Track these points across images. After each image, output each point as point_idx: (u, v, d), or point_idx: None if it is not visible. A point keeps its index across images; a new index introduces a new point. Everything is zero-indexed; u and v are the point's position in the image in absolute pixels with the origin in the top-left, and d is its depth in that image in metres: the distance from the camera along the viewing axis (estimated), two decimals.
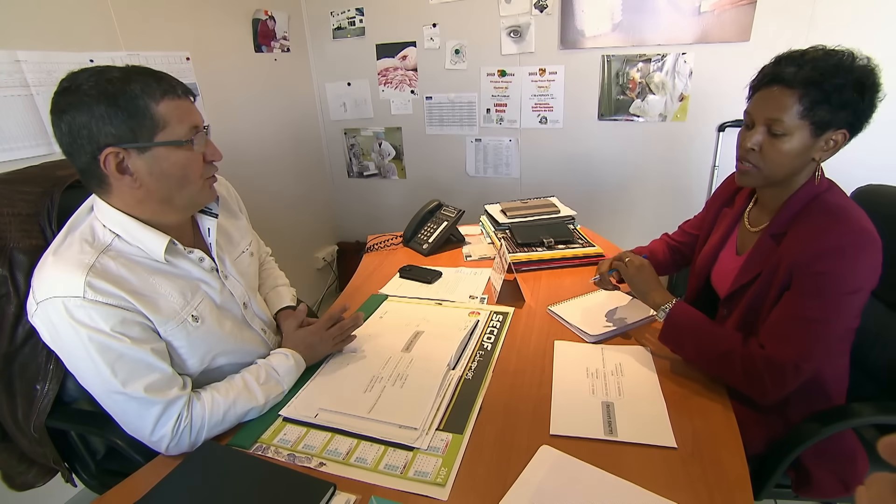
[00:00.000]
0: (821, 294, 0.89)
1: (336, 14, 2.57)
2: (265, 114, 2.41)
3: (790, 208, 0.99)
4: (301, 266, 2.84)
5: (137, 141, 0.80)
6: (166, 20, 1.84)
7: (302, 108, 2.71)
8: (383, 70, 2.60)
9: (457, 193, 2.72)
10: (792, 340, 0.90)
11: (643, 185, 2.36)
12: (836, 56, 0.90)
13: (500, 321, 1.25)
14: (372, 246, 1.81)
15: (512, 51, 2.32)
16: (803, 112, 0.90)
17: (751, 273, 1.03)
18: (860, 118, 0.91)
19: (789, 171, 0.97)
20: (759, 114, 0.95)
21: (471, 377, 1.04)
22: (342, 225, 3.10)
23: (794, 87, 0.90)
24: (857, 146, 1.98)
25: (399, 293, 1.43)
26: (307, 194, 2.81)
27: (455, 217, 1.74)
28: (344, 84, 2.70)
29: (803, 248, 0.92)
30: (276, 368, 0.99)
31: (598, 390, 0.97)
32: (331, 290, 3.07)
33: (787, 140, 0.92)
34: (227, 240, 1.06)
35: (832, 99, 0.88)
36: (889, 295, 1.19)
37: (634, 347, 1.11)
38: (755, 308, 1.02)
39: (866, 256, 0.88)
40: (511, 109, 2.44)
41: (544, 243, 1.58)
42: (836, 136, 0.92)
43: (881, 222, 1.19)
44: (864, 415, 0.97)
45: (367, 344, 1.15)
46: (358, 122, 2.77)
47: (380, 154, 2.81)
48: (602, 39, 2.17)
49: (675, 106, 2.17)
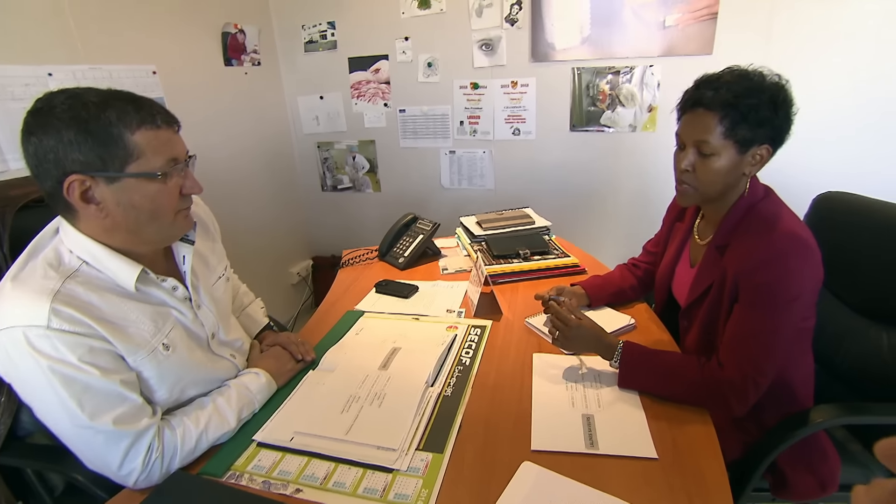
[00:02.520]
0: (763, 305, 0.93)
1: (307, 27, 2.55)
2: (236, 128, 2.37)
3: (730, 220, 1.03)
4: (275, 282, 2.79)
5: (107, 170, 0.76)
6: (131, 33, 1.80)
7: (274, 122, 2.68)
8: (356, 83, 2.59)
9: (432, 205, 2.71)
10: (745, 357, 0.93)
11: (616, 194, 2.40)
12: (748, 78, 0.95)
13: (478, 335, 1.24)
14: (347, 261, 1.78)
15: (484, 64, 2.34)
16: (726, 132, 0.94)
17: (703, 285, 1.06)
18: (779, 132, 0.96)
19: (723, 188, 1.01)
20: (687, 136, 1.00)
21: (450, 394, 1.02)
22: (317, 239, 3.06)
23: (713, 109, 0.94)
24: (818, 156, 2.07)
25: (375, 309, 1.41)
26: (280, 209, 2.76)
27: (430, 230, 1.73)
28: (316, 97, 2.68)
29: (742, 259, 0.96)
30: (247, 386, 0.96)
31: (577, 402, 0.97)
32: (306, 305, 3.02)
33: (716, 159, 0.97)
34: (204, 265, 1.02)
35: (749, 118, 0.93)
36: (851, 297, 1.24)
37: None
38: (712, 319, 1.05)
39: (801, 262, 0.92)
40: (484, 121, 2.46)
41: (520, 255, 1.59)
42: (761, 150, 0.97)
43: (839, 228, 1.25)
44: (832, 417, 0.99)
45: (343, 362, 1.13)
46: (331, 135, 2.75)
47: (354, 167, 2.80)
48: (572, 52, 2.21)
49: (645, 117, 2.22)
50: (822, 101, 1.97)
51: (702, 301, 1.07)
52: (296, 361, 1.11)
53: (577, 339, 1.06)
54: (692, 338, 1.10)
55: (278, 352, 1.11)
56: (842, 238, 1.23)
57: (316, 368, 1.13)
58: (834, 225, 1.26)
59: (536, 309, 1.32)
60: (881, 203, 1.19)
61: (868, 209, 1.21)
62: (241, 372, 1.02)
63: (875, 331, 1.17)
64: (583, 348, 1.08)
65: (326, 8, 2.49)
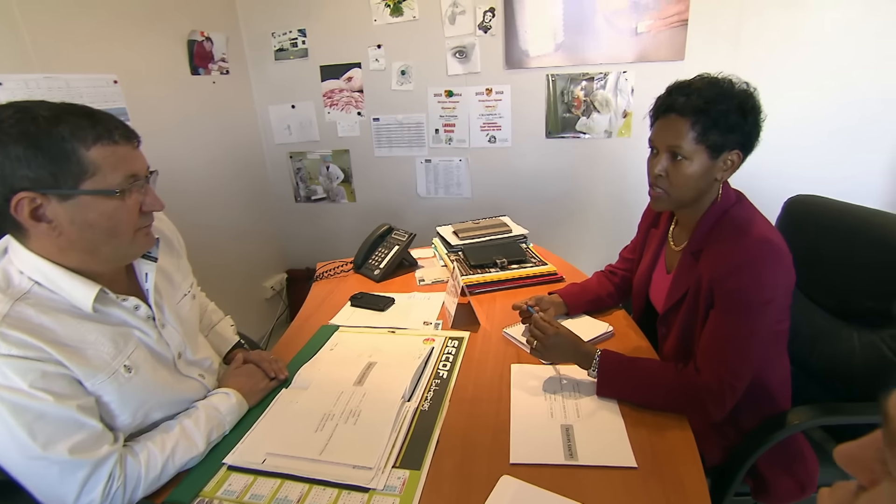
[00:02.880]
0: (736, 311, 0.96)
1: (277, 35, 2.55)
2: (204, 139, 2.33)
3: (703, 226, 1.06)
4: (249, 297, 2.75)
5: (59, 187, 0.74)
6: (90, 39, 1.76)
7: (244, 132, 2.65)
8: (328, 92, 2.59)
9: (409, 215, 2.71)
10: (721, 363, 0.96)
11: (593, 200, 2.44)
12: (718, 84, 0.99)
13: (456, 347, 1.24)
14: (321, 274, 1.77)
15: (458, 71, 2.37)
16: (697, 137, 0.98)
17: (679, 291, 1.09)
18: (749, 138, 1.00)
19: (695, 193, 1.04)
20: (660, 141, 1.03)
21: (427, 408, 1.02)
22: (291, 252, 3.03)
23: (686, 115, 0.98)
24: (789, 161, 2.14)
25: (350, 323, 1.41)
26: (253, 221, 2.73)
27: (406, 241, 1.73)
28: (288, 106, 2.67)
29: (715, 265, 0.99)
30: (217, 407, 0.95)
31: (556, 413, 0.98)
32: (281, 320, 2.98)
33: (688, 164, 1.00)
34: (168, 283, 1.00)
35: (720, 124, 0.96)
36: (824, 299, 1.28)
37: None
38: (689, 325, 1.07)
39: (772, 267, 0.95)
40: (460, 129, 2.48)
41: (497, 264, 1.60)
42: (732, 156, 1.00)
43: (810, 230, 1.29)
44: (809, 418, 1.02)
45: (317, 379, 1.12)
46: (304, 145, 2.74)
47: (328, 177, 2.79)
48: (546, 59, 2.24)
49: (620, 122, 2.26)
50: (791, 106, 2.04)
51: (678, 307, 1.09)
52: (268, 380, 1.10)
53: (554, 349, 1.07)
54: (670, 344, 1.12)
55: (250, 370, 1.10)
56: (813, 241, 1.27)
57: (289, 387, 1.11)
58: (805, 228, 1.30)
59: (514, 319, 1.33)
60: (850, 206, 1.24)
61: (838, 212, 1.25)
62: (211, 392, 1.00)
63: (847, 331, 1.21)
64: (560, 358, 1.09)
65: (297, 15, 2.49)
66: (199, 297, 1.24)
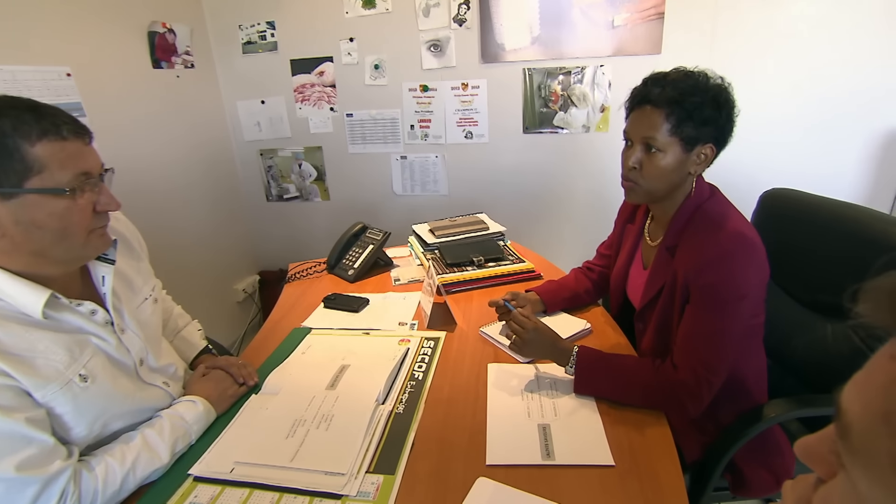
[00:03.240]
0: (711, 306, 0.97)
1: (245, 27, 2.50)
2: (169, 135, 2.28)
3: (678, 220, 1.08)
4: (220, 300, 2.70)
5: (1, 186, 0.72)
6: (40, 30, 1.69)
7: (211, 128, 2.60)
8: (299, 86, 2.56)
9: (385, 214, 2.70)
10: (697, 359, 0.97)
11: (571, 196, 2.46)
12: (693, 77, 1.01)
13: (432, 347, 1.24)
14: (293, 275, 1.75)
15: (433, 65, 2.36)
16: (671, 129, 1.00)
17: (655, 287, 1.11)
18: (722, 132, 1.02)
19: (668, 186, 1.06)
20: (635, 132, 1.05)
21: (402, 411, 1.02)
22: (263, 253, 2.99)
23: (660, 106, 1.00)
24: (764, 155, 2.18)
25: (323, 325, 1.40)
26: (222, 221, 2.68)
27: (381, 240, 1.72)
28: (257, 102, 2.63)
29: (690, 260, 1.01)
30: (182, 416, 0.93)
31: (533, 412, 0.98)
32: (254, 323, 2.94)
33: (662, 156, 1.02)
34: (128, 287, 0.98)
35: (694, 116, 0.98)
36: (799, 292, 1.30)
37: None
38: (666, 321, 1.09)
39: (746, 261, 0.97)
40: (435, 125, 2.47)
41: (474, 262, 1.61)
42: (705, 150, 1.02)
43: (785, 224, 1.32)
44: (784, 411, 1.04)
45: (288, 384, 1.10)
46: (275, 142, 2.70)
47: (300, 175, 2.75)
48: (522, 53, 2.25)
49: (598, 117, 2.29)
50: (766, 101, 2.09)
51: (655, 303, 1.11)
52: (237, 385, 1.08)
53: (532, 345, 1.08)
54: (647, 340, 1.13)
55: (218, 376, 1.08)
56: (788, 234, 1.30)
57: (259, 392, 1.10)
58: (780, 221, 1.33)
59: (491, 318, 1.33)
60: (824, 200, 1.26)
61: (812, 206, 1.28)
62: (176, 400, 0.98)
63: (821, 324, 1.24)
64: (538, 354, 1.10)
65: (265, 7, 2.45)
66: (163, 301, 1.21)
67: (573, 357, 1.04)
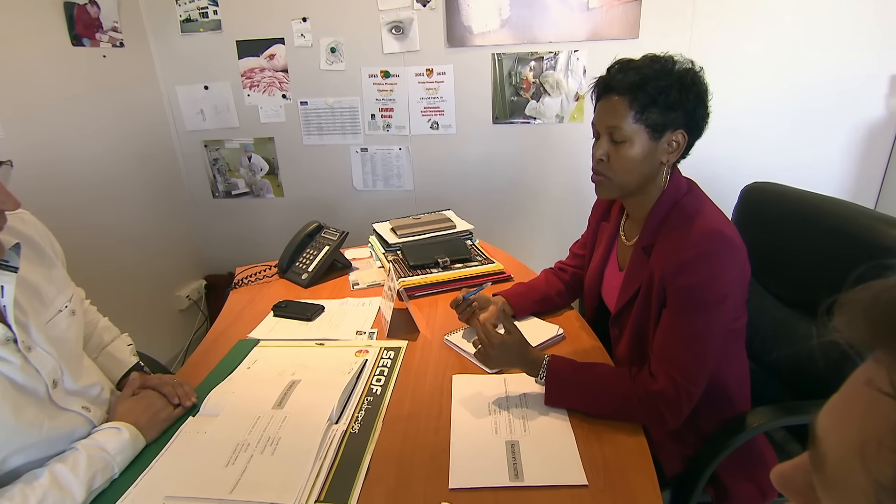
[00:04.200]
0: (689, 309, 0.98)
1: (183, 3, 2.42)
2: (95, 123, 2.18)
3: (654, 218, 1.08)
4: (160, 309, 2.62)
5: None
6: None
7: (147, 116, 2.51)
8: (247, 71, 2.49)
9: (345, 211, 2.67)
10: (675, 367, 0.97)
11: (545, 190, 2.47)
12: (658, 61, 1.02)
13: (392, 358, 1.22)
14: (240, 280, 1.71)
15: (395, 49, 2.33)
16: (636, 116, 1.00)
17: (631, 290, 1.11)
18: (692, 117, 1.02)
19: (639, 178, 1.06)
20: (600, 123, 1.06)
21: (357, 430, 0.99)
22: (210, 255, 2.92)
23: (623, 93, 1.00)
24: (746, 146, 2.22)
25: (272, 336, 1.37)
26: (162, 220, 2.60)
27: (338, 240, 1.70)
28: (200, 87, 2.55)
29: (666, 260, 1.01)
30: (103, 447, 0.87)
31: (501, 428, 0.97)
32: (199, 333, 2.86)
33: (629, 146, 1.02)
34: (35, 297, 0.92)
35: (659, 101, 0.99)
36: (782, 291, 1.33)
37: None
38: (642, 326, 1.09)
39: (725, 261, 0.97)
40: (398, 114, 2.44)
41: (439, 263, 1.60)
42: (676, 136, 1.03)
43: (768, 219, 1.34)
44: (768, 420, 1.05)
45: (230, 404, 1.06)
46: (221, 132, 2.63)
47: (250, 169, 2.69)
48: (491, 37, 2.24)
49: (572, 106, 2.30)
50: (747, 87, 2.13)
51: (631, 307, 1.11)
52: (171, 407, 1.04)
53: (499, 357, 1.07)
54: (623, 346, 1.13)
55: (149, 397, 1.03)
56: (770, 230, 1.32)
57: (196, 414, 1.06)
58: (763, 216, 1.35)
59: (457, 324, 1.32)
60: (807, 194, 1.28)
61: (796, 200, 1.30)
62: (97, 428, 0.93)
63: (806, 325, 1.26)
64: (506, 364, 1.09)
65: None
66: (85, 313, 1.15)
67: (544, 367, 1.04)
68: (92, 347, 1.15)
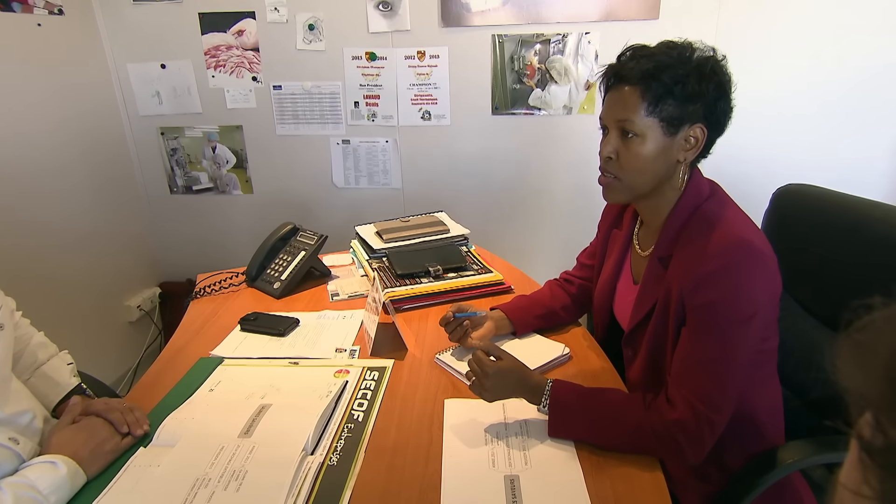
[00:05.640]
0: (712, 329, 0.98)
1: None
2: (28, 104, 2.16)
3: (672, 224, 1.09)
4: (105, 321, 2.61)
5: None
6: None
7: (93, 96, 2.49)
8: (212, 49, 2.49)
9: (322, 211, 2.68)
10: (696, 393, 0.97)
11: (550, 191, 2.49)
12: (675, 48, 1.03)
13: (376, 380, 1.23)
14: (202, 289, 1.71)
15: (382, 28, 2.35)
16: (649, 108, 1.01)
17: (646, 306, 1.12)
18: (713, 110, 1.03)
19: (653, 178, 1.07)
20: (609, 117, 1.06)
21: (336, 462, 1.00)
22: (166, 260, 2.92)
23: (634, 83, 1.01)
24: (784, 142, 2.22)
25: (239, 353, 1.38)
26: (110, 219, 2.59)
27: (316, 244, 1.71)
28: (156, 65, 2.55)
29: (685, 274, 1.01)
30: (34, 484, 0.87)
31: (499, 461, 0.98)
32: (152, 350, 2.85)
33: (640, 142, 1.03)
34: None
35: (675, 91, 0.99)
36: (819, 307, 1.33)
37: None
38: (659, 346, 1.10)
39: (752, 274, 0.98)
40: (385, 102, 2.46)
41: (430, 272, 1.60)
42: (694, 132, 1.04)
43: (804, 226, 1.34)
44: (805, 455, 1.05)
45: (189, 432, 1.06)
46: (180, 118, 2.63)
47: (214, 162, 2.69)
48: (492, 16, 2.27)
49: (582, 96, 2.32)
50: (782, 75, 2.16)
51: (646, 325, 1.12)
52: (119, 437, 1.03)
53: (496, 389, 1.07)
54: (637, 369, 1.14)
55: (92, 425, 1.02)
56: (807, 238, 1.33)
57: (149, 444, 1.06)
58: (797, 223, 1.36)
59: (449, 341, 1.33)
60: (850, 198, 1.28)
61: (836, 205, 1.30)
62: (27, 463, 0.92)
63: None
64: (505, 394, 1.09)
65: None
66: (15, 327, 1.14)
67: (546, 393, 1.04)
68: (23, 368, 1.14)
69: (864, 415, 0.30)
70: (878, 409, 0.29)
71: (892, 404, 0.28)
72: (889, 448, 0.28)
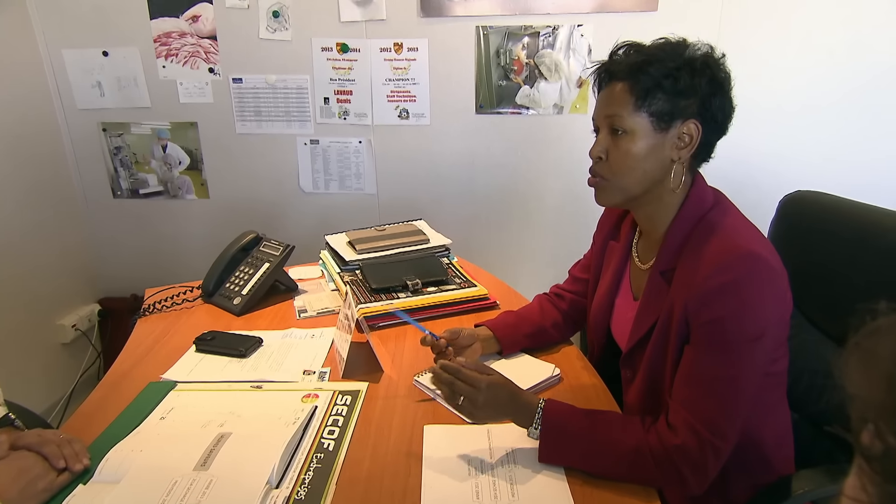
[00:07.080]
0: (718, 347, 1.01)
1: None
2: None
3: (675, 235, 1.12)
4: (35, 342, 2.58)
5: None
6: None
7: (21, 86, 2.47)
8: (163, 35, 2.49)
9: (289, 219, 2.68)
10: (699, 417, 1.00)
11: (540, 197, 2.53)
12: (669, 44, 1.08)
13: (348, 405, 1.24)
14: (151, 306, 1.70)
15: (355, 17, 2.37)
16: (638, 103, 1.05)
17: (647, 324, 1.14)
18: (708, 107, 1.07)
19: (644, 178, 1.10)
20: (599, 115, 1.11)
21: (303, 496, 1.00)
22: (107, 273, 2.90)
23: (623, 78, 1.06)
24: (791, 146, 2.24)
25: (194, 377, 1.37)
26: (42, 226, 2.57)
27: (281, 256, 1.72)
28: (97, 52, 2.53)
29: (689, 289, 1.04)
30: None
31: (484, 494, 0.99)
32: (89, 375, 2.82)
33: (629, 138, 1.07)
34: None
35: (664, 85, 1.04)
36: (831, 325, 1.37)
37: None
38: (659, 367, 1.12)
39: (761, 290, 1.01)
40: (359, 99, 2.48)
41: (409, 286, 1.62)
42: (687, 128, 1.07)
43: (814, 236, 1.37)
44: (817, 486, 1.08)
45: (137, 465, 1.06)
46: (125, 112, 2.62)
47: (164, 162, 2.68)
48: (476, 5, 2.30)
49: (573, 94, 2.36)
50: (790, 73, 2.21)
51: (646, 344, 1.14)
52: (54, 473, 1.02)
53: (489, 402, 1.07)
54: (635, 392, 1.17)
55: (23, 460, 1.01)
56: (818, 250, 1.36)
57: (90, 481, 1.04)
58: (807, 233, 1.39)
59: (428, 362, 1.34)
60: (863, 206, 1.32)
61: (848, 214, 1.33)
62: None
63: None
64: (496, 413, 1.10)
65: None
66: None
67: (538, 415, 1.06)
68: None
69: (867, 423, 0.32)
70: (878, 416, 0.32)
71: (891, 411, 0.31)
72: (886, 455, 0.31)
